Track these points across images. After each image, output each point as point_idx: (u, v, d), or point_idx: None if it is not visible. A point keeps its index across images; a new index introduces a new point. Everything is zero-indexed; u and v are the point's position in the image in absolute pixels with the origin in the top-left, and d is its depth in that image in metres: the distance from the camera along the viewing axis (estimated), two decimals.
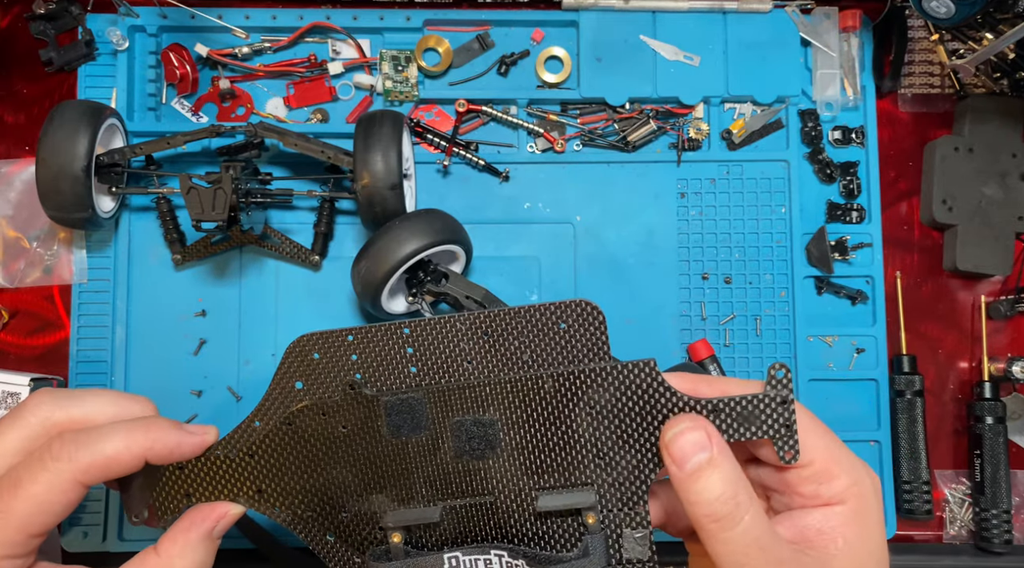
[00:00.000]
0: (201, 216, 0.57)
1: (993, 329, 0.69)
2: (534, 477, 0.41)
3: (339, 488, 0.42)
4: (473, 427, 0.41)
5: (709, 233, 0.68)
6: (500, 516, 0.41)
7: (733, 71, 0.68)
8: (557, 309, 0.41)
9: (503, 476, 0.41)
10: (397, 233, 0.58)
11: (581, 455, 0.40)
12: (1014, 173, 0.68)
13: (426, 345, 0.41)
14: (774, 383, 0.38)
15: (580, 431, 0.40)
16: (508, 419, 0.41)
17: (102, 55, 0.67)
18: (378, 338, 0.42)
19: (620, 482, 0.40)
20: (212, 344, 0.65)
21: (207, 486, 0.42)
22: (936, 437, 0.68)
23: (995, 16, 0.58)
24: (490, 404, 0.41)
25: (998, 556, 0.64)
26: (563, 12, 0.68)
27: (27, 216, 0.66)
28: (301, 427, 0.42)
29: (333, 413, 0.41)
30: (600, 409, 0.40)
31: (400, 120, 0.61)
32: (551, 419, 0.40)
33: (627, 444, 0.40)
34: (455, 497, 0.41)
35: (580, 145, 0.68)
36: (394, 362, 0.41)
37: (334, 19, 0.67)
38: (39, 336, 0.66)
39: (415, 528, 0.41)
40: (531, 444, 0.41)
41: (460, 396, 0.41)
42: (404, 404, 0.41)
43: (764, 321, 0.67)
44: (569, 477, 0.41)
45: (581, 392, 0.40)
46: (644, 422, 0.40)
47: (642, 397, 0.40)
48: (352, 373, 0.41)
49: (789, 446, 0.38)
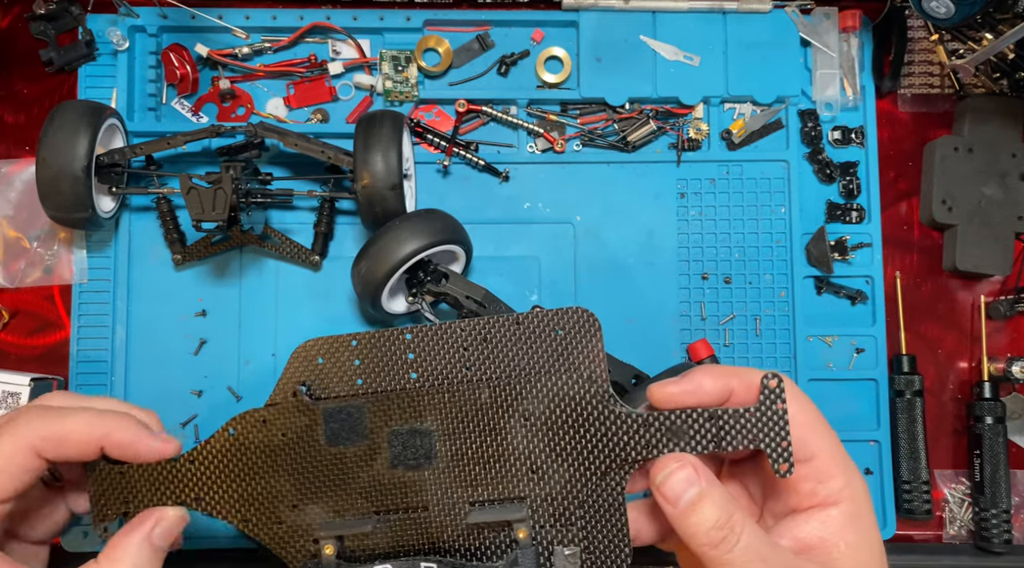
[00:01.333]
0: (201, 216, 0.57)
1: (993, 329, 0.69)
2: (468, 489, 0.41)
3: (276, 498, 0.42)
4: (409, 436, 0.41)
5: (709, 233, 0.68)
6: (433, 528, 0.41)
7: (733, 71, 0.68)
8: (555, 316, 0.41)
9: (438, 488, 0.41)
10: (397, 233, 0.58)
11: (515, 468, 0.40)
12: (1014, 173, 0.68)
13: (427, 351, 0.41)
14: (767, 393, 0.38)
15: (515, 443, 0.40)
16: (445, 429, 0.41)
17: (102, 55, 0.67)
18: (381, 343, 0.42)
19: (553, 497, 0.40)
20: (212, 344, 0.65)
21: (145, 492, 0.43)
22: (936, 437, 0.68)
23: (995, 16, 0.58)
24: (428, 413, 0.41)
25: (998, 556, 0.64)
26: (563, 12, 0.68)
27: (27, 216, 0.66)
28: (242, 435, 0.42)
29: (273, 421, 0.42)
30: (535, 420, 0.40)
31: (400, 120, 0.61)
32: (487, 429, 0.40)
33: (560, 457, 0.40)
34: (389, 509, 0.41)
35: (580, 145, 0.68)
36: (395, 367, 0.42)
37: (334, 19, 0.67)
38: (39, 336, 0.66)
39: (349, 540, 0.41)
40: (467, 455, 0.41)
41: (399, 404, 0.41)
42: (343, 412, 0.41)
43: (764, 321, 0.67)
44: (503, 490, 0.40)
45: (516, 402, 0.40)
46: (577, 435, 0.40)
47: (575, 409, 0.39)
48: (354, 378, 0.42)
49: (783, 459, 0.38)
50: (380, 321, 0.66)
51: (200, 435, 0.64)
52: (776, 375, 0.38)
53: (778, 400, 0.38)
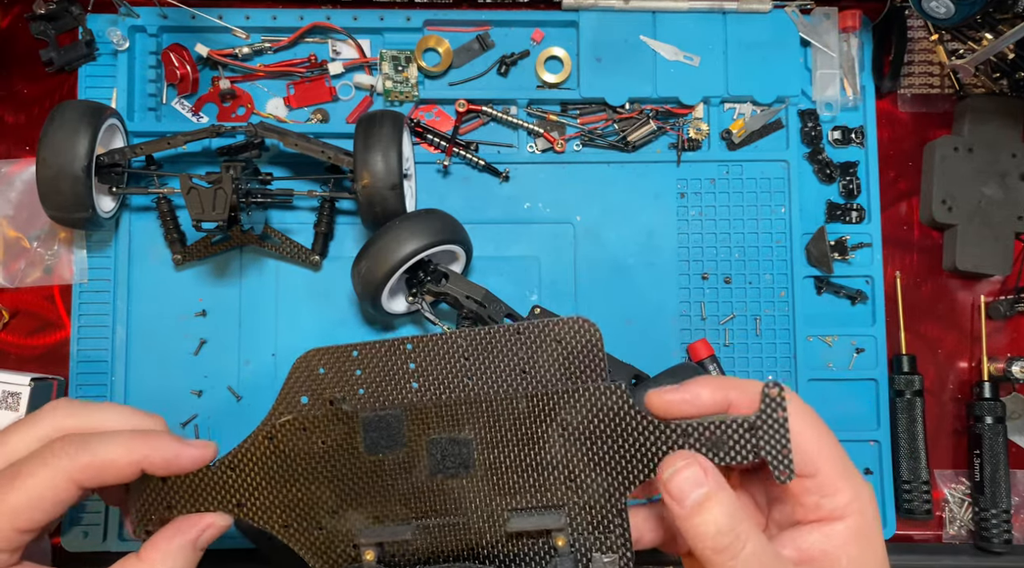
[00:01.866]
0: (201, 216, 0.57)
1: (993, 329, 0.69)
2: (506, 497, 0.41)
3: (316, 504, 0.42)
4: (448, 445, 0.41)
5: (709, 233, 0.68)
6: (472, 536, 0.41)
7: (733, 71, 0.68)
8: (556, 326, 0.41)
9: (476, 495, 0.41)
10: (397, 233, 0.58)
11: (553, 476, 0.41)
12: (1014, 173, 0.68)
13: (428, 361, 0.42)
14: (768, 402, 0.38)
15: (552, 452, 0.41)
16: (483, 438, 0.41)
17: (102, 55, 0.67)
18: (382, 354, 0.42)
19: (591, 505, 0.40)
20: (212, 344, 0.65)
21: (188, 498, 0.43)
22: (936, 437, 0.68)
23: (995, 16, 0.58)
24: (466, 423, 0.41)
25: (998, 556, 0.64)
26: (563, 12, 0.68)
27: (27, 216, 0.66)
28: (282, 442, 0.42)
29: (313, 428, 0.42)
30: (572, 430, 0.40)
31: (400, 120, 0.61)
32: (524, 439, 0.41)
33: (598, 466, 0.40)
34: (428, 516, 0.41)
35: (580, 145, 0.68)
36: (396, 377, 0.42)
37: (334, 19, 0.67)
38: (39, 336, 0.66)
39: (388, 547, 0.42)
40: (504, 464, 0.41)
41: (437, 414, 0.41)
42: (382, 421, 0.41)
43: (764, 321, 0.67)
44: (541, 498, 0.41)
45: (554, 413, 0.40)
46: (614, 445, 0.40)
47: (612, 419, 0.40)
48: (356, 388, 0.42)
49: (784, 467, 0.38)
50: (380, 321, 0.66)
51: (200, 435, 0.65)
52: (777, 384, 0.38)
53: (779, 409, 0.38)
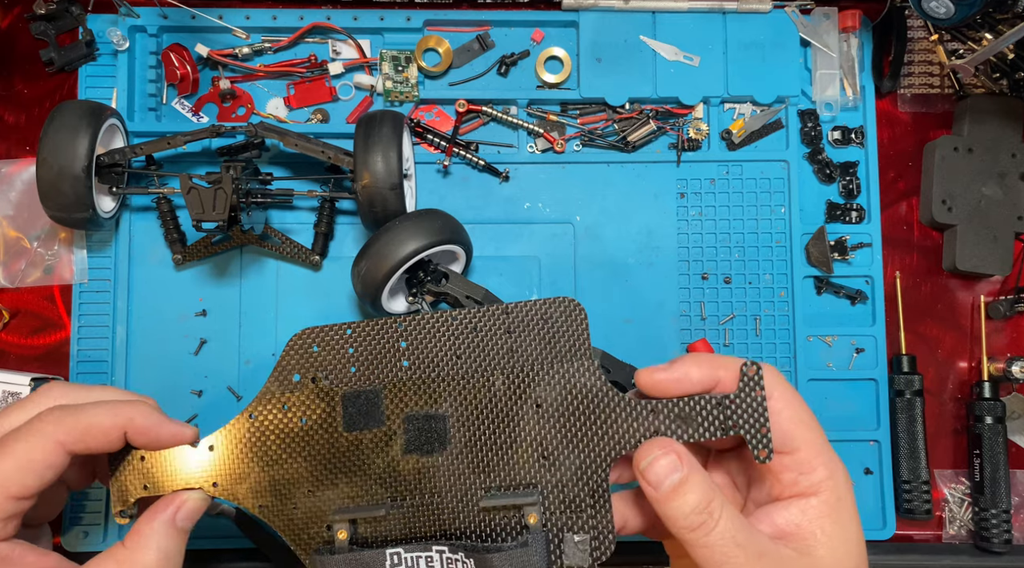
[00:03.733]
0: (201, 216, 0.57)
1: (992, 329, 0.69)
2: (481, 475, 0.42)
3: (293, 483, 0.43)
4: (424, 421, 0.42)
5: (709, 233, 0.68)
6: (446, 514, 0.42)
7: (733, 71, 0.68)
8: (542, 306, 0.42)
9: (451, 474, 0.42)
10: (397, 233, 0.58)
11: (527, 455, 0.41)
12: (1014, 173, 0.68)
13: (419, 340, 0.43)
14: (746, 381, 0.39)
15: (527, 430, 0.41)
16: (459, 415, 0.42)
17: (103, 55, 0.67)
18: (374, 333, 0.43)
19: (564, 484, 0.41)
20: (212, 344, 0.65)
21: (164, 478, 0.44)
22: (936, 437, 0.68)
23: (994, 16, 0.59)
24: (444, 400, 0.42)
25: (998, 556, 0.64)
26: (563, 12, 0.68)
27: (28, 216, 0.66)
28: (262, 421, 0.43)
29: (294, 407, 0.43)
30: (546, 408, 0.41)
31: (400, 120, 0.61)
32: (500, 416, 0.41)
33: (571, 445, 0.41)
34: (403, 494, 0.42)
35: (580, 145, 0.68)
36: (388, 355, 0.43)
37: (334, 19, 0.67)
38: (40, 336, 0.66)
39: (362, 526, 0.42)
40: (480, 441, 0.42)
41: (415, 391, 0.42)
42: (360, 397, 0.42)
43: (764, 321, 0.67)
44: (515, 477, 0.41)
45: (529, 390, 0.41)
46: (587, 423, 0.40)
47: (585, 397, 0.41)
48: (348, 366, 0.43)
49: (763, 445, 0.39)
50: None
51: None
52: (755, 363, 0.39)
53: (756, 387, 0.39)
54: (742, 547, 0.37)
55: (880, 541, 0.65)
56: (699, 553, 0.37)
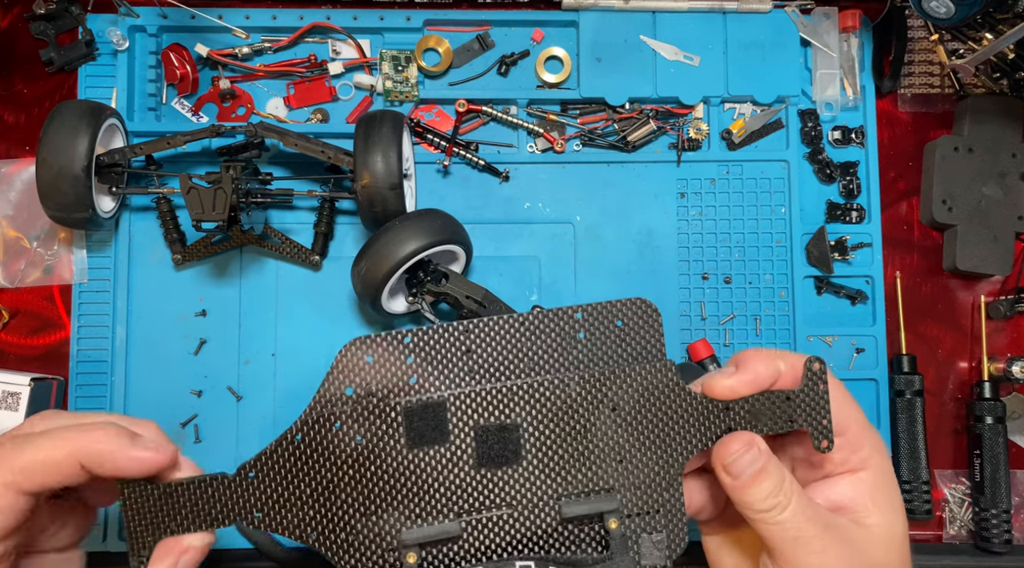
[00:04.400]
0: (201, 216, 0.57)
1: (993, 329, 0.69)
2: (557, 484, 0.40)
3: (348, 506, 0.39)
4: (497, 433, 0.40)
5: (709, 233, 0.68)
6: (523, 526, 0.40)
7: (733, 71, 0.68)
8: (618, 307, 0.42)
9: (525, 484, 0.40)
10: (397, 233, 0.58)
11: (603, 459, 0.40)
12: (1014, 173, 0.68)
13: (485, 345, 0.40)
14: (811, 376, 0.41)
15: (602, 434, 0.40)
16: (533, 424, 0.40)
17: (102, 55, 0.67)
18: (436, 339, 0.40)
19: (640, 486, 0.41)
20: (212, 344, 0.65)
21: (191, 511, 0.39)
22: (936, 437, 0.68)
23: (995, 16, 0.59)
24: (516, 407, 0.40)
25: (998, 556, 0.64)
26: (563, 12, 0.68)
27: (27, 216, 0.66)
28: (309, 441, 0.39)
29: (348, 423, 0.39)
30: (621, 411, 0.41)
31: (400, 120, 0.61)
32: (575, 423, 0.40)
33: (645, 446, 0.41)
34: (476, 510, 0.39)
35: (580, 145, 0.68)
36: (452, 364, 0.40)
37: (334, 19, 0.67)
38: (39, 336, 0.66)
39: (431, 546, 0.39)
40: (555, 449, 0.40)
41: (484, 400, 0.40)
42: (427, 408, 0.39)
43: (764, 321, 0.67)
44: (592, 482, 0.40)
45: (604, 394, 0.40)
46: (661, 424, 0.40)
47: (660, 398, 0.41)
48: (407, 377, 0.40)
49: (823, 436, 0.41)
50: (380, 321, 0.66)
51: (200, 435, 0.64)
52: (818, 359, 0.41)
53: (820, 382, 0.41)
54: (812, 521, 0.40)
55: None
56: (771, 530, 0.40)
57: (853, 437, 0.42)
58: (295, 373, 0.65)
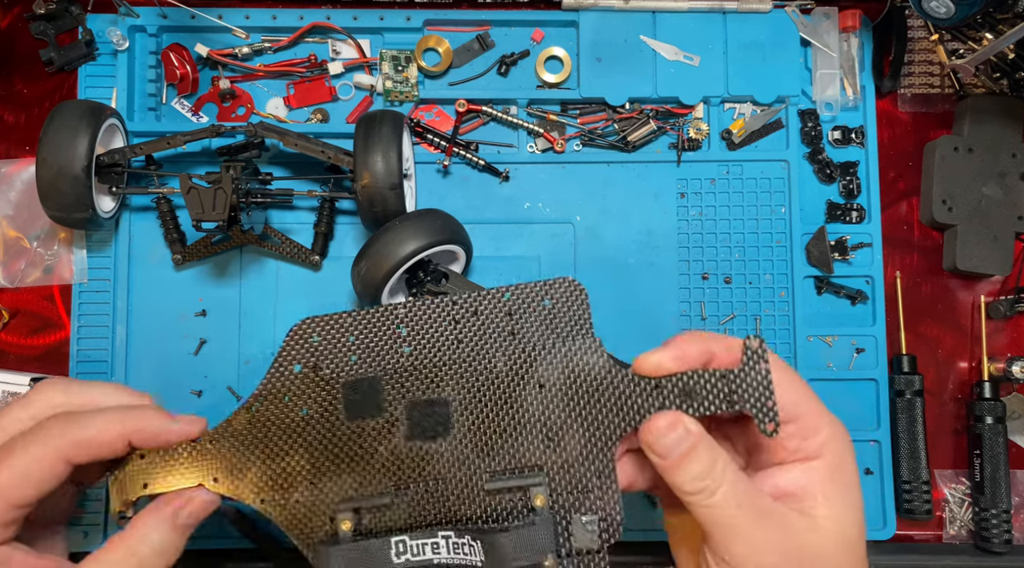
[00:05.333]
0: (201, 216, 0.57)
1: (993, 329, 0.69)
2: (486, 459, 0.41)
3: (294, 475, 0.42)
4: (427, 407, 0.42)
5: (709, 233, 0.68)
6: (451, 500, 0.41)
7: (733, 71, 0.68)
8: (543, 287, 0.42)
9: (455, 458, 0.41)
10: (397, 233, 0.58)
11: (532, 436, 0.41)
12: (1014, 173, 0.68)
13: (420, 326, 0.42)
14: (750, 354, 0.39)
15: (531, 411, 0.41)
16: (462, 399, 0.41)
17: (102, 55, 0.67)
18: (375, 320, 0.43)
19: (571, 464, 0.41)
20: (212, 344, 0.65)
21: (164, 475, 0.43)
22: (936, 437, 0.68)
23: (995, 16, 0.59)
24: (445, 384, 0.42)
25: (998, 556, 0.64)
26: (563, 12, 0.68)
27: (27, 216, 0.66)
28: (261, 413, 0.43)
29: (295, 397, 0.42)
30: (549, 388, 0.41)
31: (400, 120, 0.61)
32: (503, 399, 0.41)
33: (575, 424, 0.41)
34: (407, 481, 0.42)
35: (580, 145, 0.68)
36: (389, 343, 0.42)
37: (334, 19, 0.67)
38: (39, 336, 0.66)
39: (366, 516, 0.42)
40: (484, 425, 0.41)
41: (416, 377, 0.42)
42: (361, 384, 0.42)
43: (764, 321, 0.67)
44: (520, 459, 0.41)
45: (532, 371, 0.41)
46: (590, 402, 0.40)
47: (588, 376, 0.40)
48: (348, 355, 0.42)
49: (769, 419, 0.39)
50: None
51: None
52: (758, 338, 0.39)
53: (760, 360, 0.39)
54: (742, 507, 0.38)
55: (880, 541, 0.65)
56: (702, 513, 0.39)
57: (807, 424, 0.40)
58: None
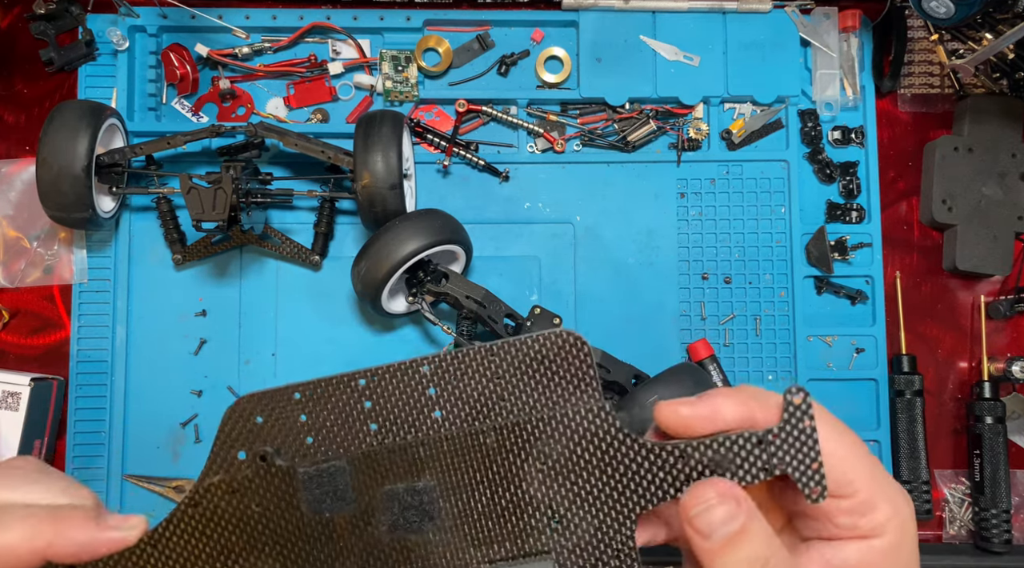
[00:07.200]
0: (201, 216, 0.57)
1: (993, 329, 0.69)
2: (482, 548, 0.35)
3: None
4: (407, 496, 0.35)
5: (709, 233, 0.68)
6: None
7: (733, 71, 0.68)
8: (535, 343, 0.35)
9: (446, 549, 0.35)
10: (397, 233, 0.58)
11: (535, 519, 0.35)
12: (1014, 173, 0.68)
13: (386, 396, 0.35)
14: (792, 410, 0.33)
15: (532, 490, 0.35)
16: (447, 483, 0.35)
17: (102, 55, 0.67)
18: (329, 393, 0.36)
19: (582, 547, 0.35)
20: (212, 344, 0.65)
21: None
22: (936, 437, 0.68)
23: (994, 16, 0.58)
24: (425, 467, 0.35)
25: (998, 556, 0.64)
26: (563, 12, 0.68)
27: (27, 216, 0.66)
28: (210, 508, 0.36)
29: (244, 490, 0.36)
30: (552, 463, 0.35)
31: (400, 120, 0.61)
32: (497, 479, 0.35)
33: (586, 502, 0.35)
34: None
35: (580, 145, 0.68)
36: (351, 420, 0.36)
37: (334, 19, 0.67)
38: (39, 336, 0.66)
39: None
40: (475, 510, 0.35)
41: (389, 460, 0.35)
42: (324, 475, 0.35)
43: (764, 321, 0.67)
44: (523, 545, 0.35)
45: (529, 445, 0.35)
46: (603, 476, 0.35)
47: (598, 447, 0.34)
48: (301, 437, 0.36)
49: (815, 483, 0.33)
50: (380, 321, 0.66)
51: (200, 435, 0.65)
52: (801, 389, 0.33)
53: (804, 417, 0.33)
54: None
55: None
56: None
57: (864, 499, 0.34)
58: (295, 373, 0.65)
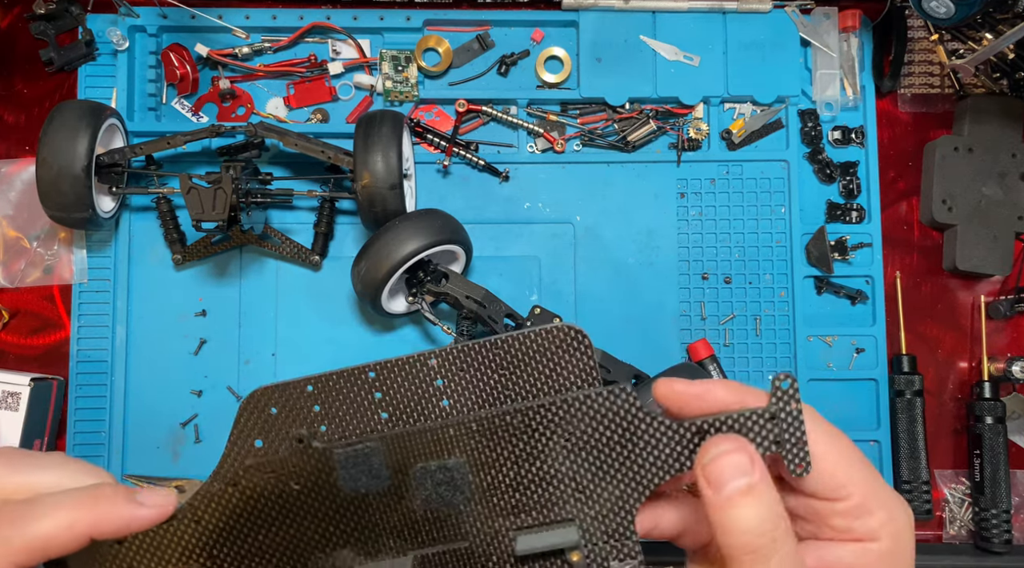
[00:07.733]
0: (201, 216, 0.57)
1: (993, 329, 0.69)
2: (511, 517, 0.38)
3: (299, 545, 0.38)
4: (438, 473, 0.38)
5: (709, 233, 0.68)
6: (477, 561, 0.38)
7: (733, 71, 0.68)
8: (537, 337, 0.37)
9: (477, 519, 0.38)
10: (397, 233, 0.58)
11: (560, 490, 0.38)
12: (1014, 173, 0.68)
13: (395, 387, 0.38)
14: (780, 395, 0.35)
15: (557, 465, 0.38)
16: (476, 460, 0.38)
17: (102, 55, 0.67)
18: (341, 385, 0.38)
19: (604, 515, 0.38)
20: (212, 344, 0.65)
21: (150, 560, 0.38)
22: (936, 437, 0.68)
23: (994, 16, 0.58)
24: (455, 446, 0.38)
25: (998, 556, 0.64)
26: (563, 12, 0.68)
27: (27, 216, 0.66)
28: (249, 487, 0.38)
29: (283, 470, 0.38)
30: (576, 440, 0.38)
31: (400, 120, 0.61)
32: (523, 456, 0.38)
33: (608, 474, 0.37)
34: (426, 545, 0.38)
35: (580, 145, 0.68)
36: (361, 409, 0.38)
37: (334, 19, 0.67)
38: (39, 336, 0.66)
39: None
40: (504, 484, 0.38)
41: (420, 441, 0.38)
42: (359, 455, 0.38)
43: (764, 321, 0.67)
44: (548, 514, 0.38)
45: (554, 425, 0.38)
46: (624, 450, 0.37)
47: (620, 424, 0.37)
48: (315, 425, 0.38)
49: (800, 459, 0.35)
50: (380, 321, 0.66)
51: (200, 435, 0.65)
52: (788, 376, 0.35)
53: (791, 401, 0.35)
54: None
55: None
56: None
57: (859, 504, 0.35)
58: (295, 373, 0.64)
